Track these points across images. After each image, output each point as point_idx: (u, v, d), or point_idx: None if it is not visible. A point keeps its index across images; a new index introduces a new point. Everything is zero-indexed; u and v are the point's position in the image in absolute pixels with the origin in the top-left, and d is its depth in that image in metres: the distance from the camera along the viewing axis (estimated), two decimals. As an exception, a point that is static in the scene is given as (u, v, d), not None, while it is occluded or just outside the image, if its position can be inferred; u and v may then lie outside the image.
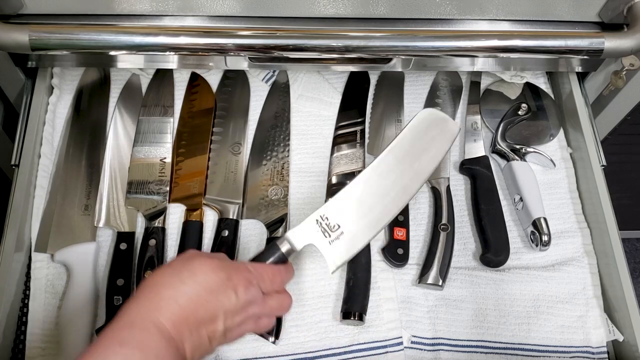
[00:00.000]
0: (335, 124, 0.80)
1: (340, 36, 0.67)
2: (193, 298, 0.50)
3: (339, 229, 0.60)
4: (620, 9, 0.69)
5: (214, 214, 0.72)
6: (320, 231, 0.60)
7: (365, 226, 0.61)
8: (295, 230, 0.60)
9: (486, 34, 0.69)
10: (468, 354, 0.66)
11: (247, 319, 0.55)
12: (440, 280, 0.68)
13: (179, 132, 0.77)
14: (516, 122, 0.80)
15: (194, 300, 0.50)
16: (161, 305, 0.49)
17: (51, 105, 0.76)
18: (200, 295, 0.50)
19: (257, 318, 0.56)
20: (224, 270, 0.53)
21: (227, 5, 0.68)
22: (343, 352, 0.65)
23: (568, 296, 0.69)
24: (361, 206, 0.61)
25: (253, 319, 0.56)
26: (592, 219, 0.74)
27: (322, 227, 0.61)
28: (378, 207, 0.62)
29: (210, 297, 0.51)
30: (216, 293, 0.51)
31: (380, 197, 0.62)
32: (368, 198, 0.62)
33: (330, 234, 0.60)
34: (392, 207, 0.62)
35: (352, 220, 0.61)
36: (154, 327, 0.47)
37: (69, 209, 0.70)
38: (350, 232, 0.60)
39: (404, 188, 0.63)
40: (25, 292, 0.66)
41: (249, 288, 0.54)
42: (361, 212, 0.61)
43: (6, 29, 0.63)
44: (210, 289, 0.51)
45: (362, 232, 0.61)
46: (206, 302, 0.51)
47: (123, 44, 0.65)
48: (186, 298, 0.50)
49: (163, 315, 0.48)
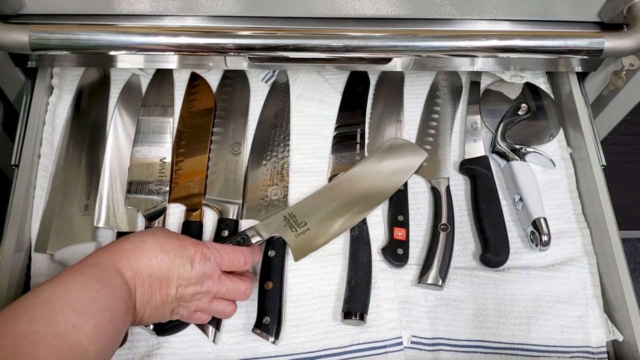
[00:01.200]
0: (335, 124, 0.80)
1: (340, 36, 0.67)
2: (148, 254, 0.56)
3: (305, 226, 0.69)
4: (620, 9, 0.69)
5: (213, 214, 0.72)
6: (288, 226, 0.68)
7: (330, 227, 0.69)
8: (264, 224, 0.68)
9: (486, 34, 0.69)
10: (468, 354, 0.66)
11: (202, 294, 0.60)
12: (440, 280, 0.68)
13: (179, 132, 0.77)
14: (516, 122, 0.80)
15: (149, 255, 0.56)
16: (120, 254, 0.55)
17: (51, 105, 0.76)
18: (156, 252, 0.57)
19: (212, 297, 0.61)
20: (181, 240, 0.59)
21: (227, 5, 0.68)
22: (343, 352, 0.65)
23: (568, 296, 0.69)
24: (328, 211, 0.70)
25: (208, 296, 0.61)
26: (592, 219, 0.74)
27: (290, 222, 0.69)
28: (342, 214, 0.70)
29: (165, 257, 0.57)
30: (172, 255, 0.57)
31: (345, 207, 0.71)
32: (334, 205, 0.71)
33: (297, 229, 0.68)
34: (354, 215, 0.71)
35: (319, 221, 0.69)
36: (112, 267, 0.54)
37: (69, 209, 0.70)
38: (317, 229, 0.69)
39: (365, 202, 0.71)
40: (25, 292, 0.66)
41: (205, 262, 0.59)
42: (328, 215, 0.70)
43: (6, 29, 0.63)
44: (165, 249, 0.57)
45: (328, 232, 0.69)
46: (160, 262, 0.57)
47: (123, 44, 0.65)
48: (142, 253, 0.56)
49: (121, 262, 0.55)
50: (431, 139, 0.79)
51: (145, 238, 0.57)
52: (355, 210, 0.71)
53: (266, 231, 0.67)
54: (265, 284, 0.66)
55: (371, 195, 0.72)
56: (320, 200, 0.71)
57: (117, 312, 0.52)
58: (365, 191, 0.72)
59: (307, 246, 0.68)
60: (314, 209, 0.70)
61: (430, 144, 0.79)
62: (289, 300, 0.67)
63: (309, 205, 0.71)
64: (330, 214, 0.70)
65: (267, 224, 0.68)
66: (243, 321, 0.66)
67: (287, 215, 0.69)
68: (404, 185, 0.75)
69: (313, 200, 0.71)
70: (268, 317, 0.64)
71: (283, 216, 0.69)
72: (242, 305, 0.67)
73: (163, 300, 0.58)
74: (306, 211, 0.70)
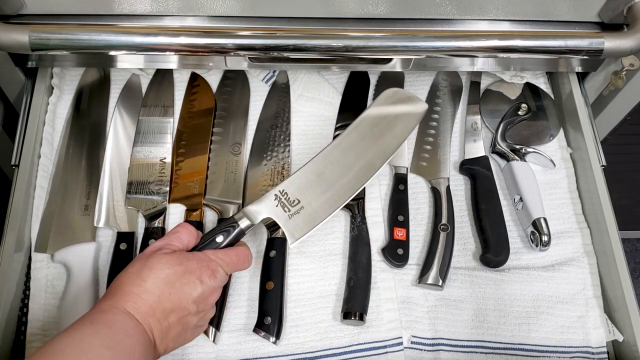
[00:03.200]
0: (335, 124, 0.80)
1: (340, 36, 0.67)
2: (155, 293, 0.54)
3: (298, 204, 0.62)
4: (620, 9, 0.69)
5: (213, 214, 0.72)
6: (280, 206, 0.62)
7: (325, 202, 0.63)
8: (253, 205, 0.62)
9: (486, 34, 0.69)
10: (468, 354, 0.66)
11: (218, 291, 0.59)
12: (440, 281, 0.68)
13: (179, 132, 0.77)
14: (516, 122, 0.80)
15: (156, 294, 0.54)
16: (126, 299, 0.53)
17: (51, 105, 0.76)
18: (162, 289, 0.54)
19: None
20: (181, 264, 0.56)
21: (227, 5, 0.68)
22: (343, 352, 0.65)
23: (568, 296, 0.69)
24: (322, 182, 0.63)
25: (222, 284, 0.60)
26: (592, 219, 0.74)
27: (282, 202, 0.62)
28: (340, 183, 0.63)
29: (173, 290, 0.55)
30: (178, 285, 0.55)
31: (342, 174, 0.64)
32: (329, 174, 0.64)
33: (290, 208, 0.62)
34: (354, 183, 0.63)
35: (313, 196, 0.63)
36: (121, 312, 0.52)
37: (69, 209, 0.70)
38: (311, 207, 0.62)
39: (367, 165, 0.64)
40: (25, 292, 0.66)
41: (214, 276, 0.57)
42: (322, 187, 0.63)
43: (6, 29, 0.63)
44: (170, 282, 0.55)
45: (322, 208, 0.63)
46: (170, 295, 0.55)
47: (123, 44, 0.65)
48: (149, 294, 0.54)
49: (128, 305, 0.53)
50: (431, 139, 0.79)
51: (145, 277, 0.54)
52: (354, 179, 0.63)
53: (256, 214, 0.62)
54: (267, 284, 0.66)
55: (370, 159, 0.65)
56: (313, 172, 0.64)
57: (133, 355, 0.51)
58: (364, 155, 0.65)
59: (303, 227, 0.62)
60: (307, 184, 0.63)
61: (430, 144, 0.79)
62: (289, 301, 0.67)
63: (302, 179, 0.64)
64: (326, 188, 0.63)
65: (257, 205, 0.62)
66: (243, 321, 0.66)
67: (278, 193, 0.63)
68: (404, 185, 0.75)
69: (305, 173, 0.64)
70: (269, 317, 0.64)
71: (274, 194, 0.63)
72: (243, 306, 0.67)
73: (184, 324, 0.56)
74: (299, 187, 0.63)
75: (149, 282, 0.54)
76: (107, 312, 0.52)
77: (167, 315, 0.54)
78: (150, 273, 0.55)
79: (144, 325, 0.53)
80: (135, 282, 0.54)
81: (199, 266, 0.57)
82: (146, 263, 0.56)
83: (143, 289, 0.54)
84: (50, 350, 0.48)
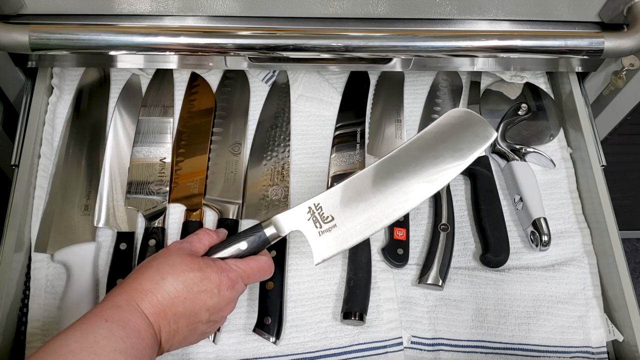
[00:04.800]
0: (335, 124, 0.80)
1: (340, 36, 0.67)
2: (171, 293, 0.53)
3: (332, 221, 0.57)
4: (620, 9, 0.69)
5: (213, 214, 0.72)
6: (312, 220, 0.58)
7: (362, 223, 0.57)
8: (284, 214, 0.58)
9: (486, 34, 0.69)
10: (468, 354, 0.66)
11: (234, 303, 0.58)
12: (440, 281, 0.68)
13: (179, 132, 0.77)
14: (516, 122, 0.80)
15: (172, 295, 0.53)
16: (142, 295, 0.52)
17: (51, 105, 0.76)
18: (179, 291, 0.53)
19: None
20: (201, 270, 0.55)
21: (227, 5, 0.68)
22: (343, 352, 0.65)
23: (568, 296, 0.69)
24: (362, 201, 0.57)
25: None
26: (592, 219, 0.74)
27: (314, 215, 0.58)
28: (381, 205, 0.57)
29: (188, 295, 0.54)
30: (195, 291, 0.54)
31: (386, 195, 0.57)
32: (371, 194, 0.57)
33: (322, 224, 0.57)
34: (397, 207, 0.57)
35: (349, 215, 0.57)
36: (136, 310, 0.52)
37: (69, 209, 0.70)
38: (344, 227, 0.57)
39: (416, 189, 0.57)
40: (25, 292, 0.66)
41: (234, 287, 0.56)
42: (361, 207, 0.57)
43: (6, 29, 0.63)
44: (188, 286, 0.54)
45: (357, 229, 0.57)
46: (184, 299, 0.54)
47: (123, 44, 0.65)
48: (165, 294, 0.53)
49: (143, 304, 0.52)
50: (431, 139, 0.79)
51: (165, 274, 0.53)
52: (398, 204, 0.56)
53: (285, 225, 0.58)
54: (267, 284, 0.66)
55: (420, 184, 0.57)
56: (354, 188, 0.57)
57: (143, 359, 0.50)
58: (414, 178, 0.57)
59: (332, 247, 0.57)
60: (345, 201, 0.57)
61: (431, 144, 0.79)
62: (289, 301, 0.67)
63: (340, 195, 0.58)
64: (364, 208, 0.57)
65: (287, 215, 0.58)
66: (243, 321, 0.66)
67: (313, 206, 0.58)
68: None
69: (345, 189, 0.58)
70: (269, 318, 0.64)
71: (307, 206, 0.58)
72: (243, 306, 0.67)
73: (192, 330, 0.55)
74: (335, 202, 0.57)
75: (167, 280, 0.53)
76: (123, 309, 0.51)
77: (177, 319, 0.54)
78: (171, 271, 0.54)
79: (154, 326, 0.52)
80: (154, 279, 0.53)
81: (219, 275, 0.55)
82: (167, 260, 0.55)
83: (160, 287, 0.53)
84: (63, 349, 0.47)
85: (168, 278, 0.53)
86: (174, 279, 0.53)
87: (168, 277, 0.53)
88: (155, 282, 0.53)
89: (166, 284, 0.53)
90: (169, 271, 0.54)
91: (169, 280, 0.53)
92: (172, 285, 0.53)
